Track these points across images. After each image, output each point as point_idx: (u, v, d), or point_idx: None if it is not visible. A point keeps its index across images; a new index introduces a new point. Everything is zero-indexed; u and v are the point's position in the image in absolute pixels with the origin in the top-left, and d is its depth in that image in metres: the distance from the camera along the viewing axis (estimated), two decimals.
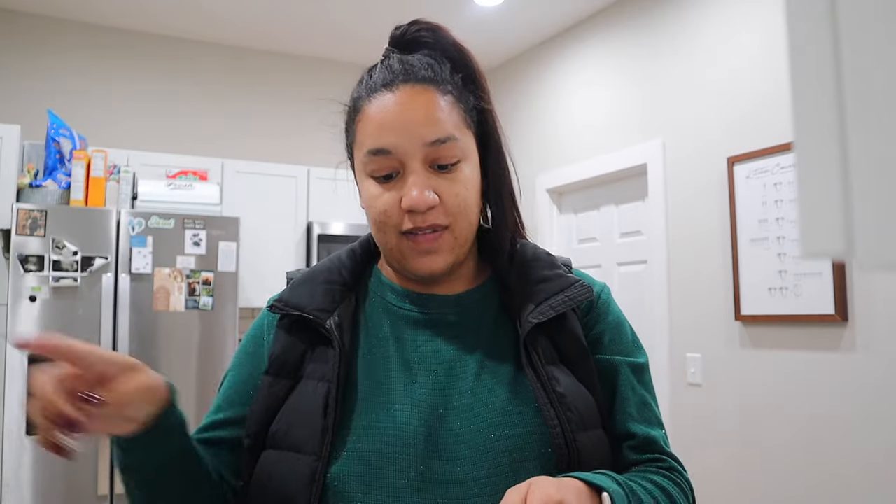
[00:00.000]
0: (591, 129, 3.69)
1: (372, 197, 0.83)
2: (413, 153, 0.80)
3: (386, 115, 0.80)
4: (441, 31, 0.87)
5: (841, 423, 2.43)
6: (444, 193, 0.81)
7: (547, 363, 0.83)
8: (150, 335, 3.09)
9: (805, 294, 2.54)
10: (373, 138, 0.81)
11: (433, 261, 0.83)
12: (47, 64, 3.81)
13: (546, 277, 0.88)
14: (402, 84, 0.81)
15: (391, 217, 0.81)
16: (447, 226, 0.82)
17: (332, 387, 0.80)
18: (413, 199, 0.79)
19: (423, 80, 0.82)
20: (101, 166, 3.14)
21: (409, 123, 0.79)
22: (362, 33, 4.05)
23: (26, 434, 2.83)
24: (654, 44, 3.31)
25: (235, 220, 3.31)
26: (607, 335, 0.90)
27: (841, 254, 0.30)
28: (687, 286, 3.07)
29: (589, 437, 0.80)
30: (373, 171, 0.82)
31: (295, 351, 0.85)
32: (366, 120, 0.82)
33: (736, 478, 2.80)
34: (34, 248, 2.90)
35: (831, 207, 0.31)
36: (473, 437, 0.79)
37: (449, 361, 0.84)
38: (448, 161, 0.81)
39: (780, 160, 2.65)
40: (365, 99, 0.83)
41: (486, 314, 0.89)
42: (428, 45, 0.87)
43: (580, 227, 3.88)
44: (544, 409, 0.79)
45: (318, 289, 0.88)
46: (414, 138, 0.79)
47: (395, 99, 0.80)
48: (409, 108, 0.80)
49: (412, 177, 0.80)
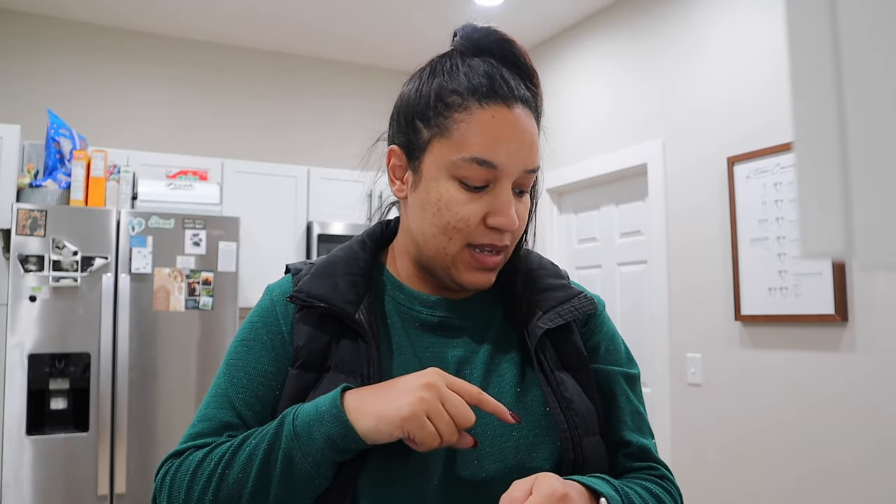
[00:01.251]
0: (592, 129, 3.69)
1: (454, 201, 0.81)
2: (513, 175, 0.81)
3: (503, 130, 0.80)
4: (520, 51, 0.87)
5: (841, 423, 2.43)
6: (518, 217, 0.84)
7: (555, 368, 0.85)
8: (149, 335, 3.09)
9: (805, 294, 2.54)
10: (483, 148, 0.79)
11: (488, 278, 0.85)
12: (47, 64, 3.81)
13: (552, 286, 0.90)
14: (517, 103, 0.82)
15: (469, 227, 0.81)
16: (507, 246, 0.85)
17: (370, 381, 0.80)
18: (509, 221, 0.81)
19: (528, 104, 0.83)
20: (101, 166, 3.14)
21: (522, 147, 0.81)
22: (362, 33, 4.05)
23: (26, 434, 2.83)
24: (654, 44, 3.31)
25: (235, 220, 3.31)
26: (603, 346, 0.92)
27: (841, 254, 0.30)
28: (687, 286, 3.07)
29: (591, 442, 0.82)
30: (466, 177, 0.80)
31: (319, 342, 0.84)
32: (476, 125, 0.80)
33: (735, 478, 2.80)
34: (34, 248, 2.90)
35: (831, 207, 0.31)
36: (481, 439, 0.80)
37: (457, 364, 0.86)
38: (527, 188, 0.85)
39: (781, 160, 2.65)
40: (470, 98, 0.80)
41: (492, 319, 0.91)
42: (507, 60, 0.86)
43: (580, 227, 3.88)
44: (555, 413, 0.81)
45: (341, 280, 0.86)
46: (520, 162, 0.81)
47: (513, 117, 0.81)
48: (524, 132, 0.81)
49: (506, 197, 0.81)
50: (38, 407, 2.89)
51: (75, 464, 2.90)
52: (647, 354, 3.27)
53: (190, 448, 0.82)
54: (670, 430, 3.09)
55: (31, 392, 2.86)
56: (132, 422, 3.02)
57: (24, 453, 2.83)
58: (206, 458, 0.78)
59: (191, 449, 0.82)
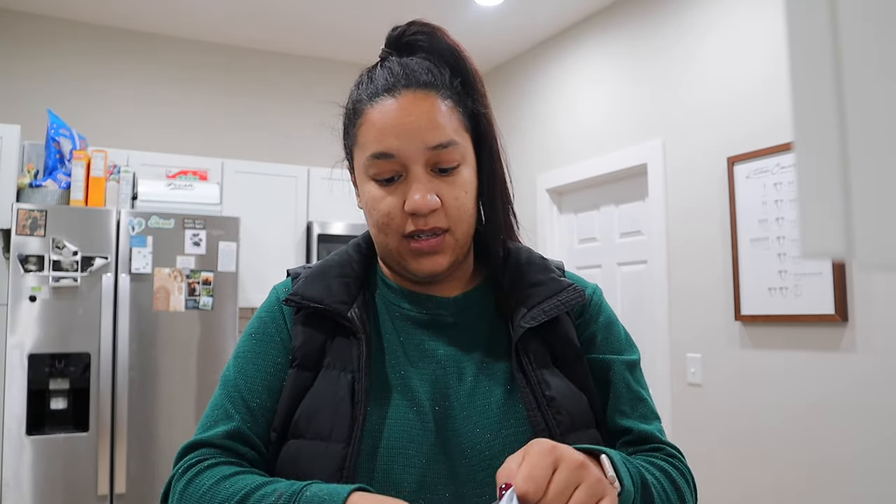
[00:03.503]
0: (591, 129, 3.69)
1: (374, 199, 0.84)
2: (415, 157, 0.81)
3: (389, 119, 0.81)
4: (438, 34, 0.87)
5: (841, 423, 2.43)
6: (445, 197, 0.83)
7: (538, 367, 0.85)
8: (149, 335, 3.09)
9: (805, 294, 2.54)
10: (376, 142, 0.82)
11: (435, 262, 0.84)
12: (47, 64, 3.81)
13: (539, 281, 0.90)
14: (404, 89, 0.82)
15: (394, 219, 0.83)
16: (447, 228, 0.84)
17: (360, 375, 0.82)
18: (416, 203, 0.80)
19: (425, 86, 0.83)
20: (100, 166, 3.14)
21: (412, 128, 0.81)
22: (362, 33, 4.05)
23: (26, 434, 2.83)
24: (654, 43, 3.31)
25: (235, 220, 3.31)
26: (600, 335, 0.92)
27: (841, 254, 0.30)
28: (687, 286, 3.07)
29: (580, 437, 0.82)
30: (375, 174, 0.83)
31: (315, 342, 0.87)
32: (368, 124, 0.83)
33: (736, 478, 2.80)
34: (34, 248, 2.90)
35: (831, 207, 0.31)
36: (471, 437, 0.81)
37: (447, 362, 0.86)
38: (449, 165, 0.83)
39: (781, 160, 2.65)
40: (366, 103, 0.84)
41: (483, 316, 0.91)
42: (424, 49, 0.87)
43: (580, 227, 3.88)
44: (531, 413, 0.82)
45: (334, 282, 0.89)
46: (417, 143, 0.81)
47: (397, 104, 0.81)
48: (412, 114, 0.81)
49: (415, 181, 0.81)
50: (38, 407, 2.89)
51: (75, 464, 2.90)
52: (647, 354, 3.27)
53: (198, 463, 0.82)
54: (670, 430, 3.09)
55: (31, 392, 2.86)
56: (132, 422, 3.02)
57: (24, 453, 2.83)
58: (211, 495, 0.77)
59: (199, 463, 0.81)
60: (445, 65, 0.86)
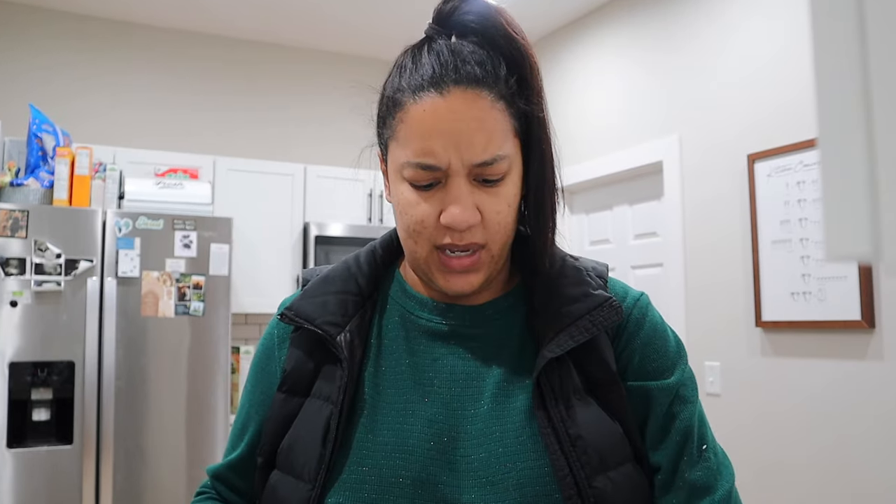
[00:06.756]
0: (604, 125, 3.69)
1: (407, 203, 0.80)
2: (459, 169, 0.77)
3: (434, 123, 0.76)
4: (497, 17, 0.80)
5: (868, 436, 2.43)
6: (486, 210, 0.78)
7: (563, 398, 0.79)
8: (137, 342, 3.10)
9: (829, 299, 2.54)
10: (418, 147, 0.77)
11: (466, 281, 0.81)
12: (29, 56, 3.82)
13: (571, 298, 0.83)
14: (454, 86, 0.76)
15: (427, 228, 0.79)
16: (484, 245, 0.80)
17: (336, 410, 0.81)
18: (455, 217, 0.77)
19: (476, 83, 0.76)
20: (85, 164, 3.15)
21: (460, 139, 0.76)
22: (360, 26, 4.05)
23: (7, 447, 2.83)
24: (669, 34, 3.31)
25: (228, 221, 3.32)
26: (637, 357, 0.84)
27: (867, 257, 0.30)
28: (705, 290, 3.07)
29: (611, 478, 0.77)
30: (412, 179, 0.79)
31: (307, 366, 0.86)
32: (410, 121, 0.78)
33: (757, 494, 2.80)
34: (15, 250, 2.91)
35: (858, 207, 0.31)
36: (483, 466, 0.78)
37: (465, 379, 0.83)
38: (494, 177, 0.78)
39: (804, 157, 2.64)
40: (409, 94, 0.78)
41: (512, 327, 0.86)
42: (478, 32, 0.80)
43: (592, 228, 3.88)
44: (553, 457, 0.76)
45: (331, 299, 0.87)
46: (463, 155, 0.76)
47: (445, 104, 0.76)
48: (461, 119, 0.76)
49: (455, 191, 0.77)
50: (20, 418, 2.90)
51: (59, 478, 2.91)
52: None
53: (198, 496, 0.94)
54: None
55: (12, 402, 2.87)
56: (119, 434, 3.02)
57: (5, 467, 2.83)
58: None
59: (199, 496, 0.94)
60: (501, 56, 0.79)
